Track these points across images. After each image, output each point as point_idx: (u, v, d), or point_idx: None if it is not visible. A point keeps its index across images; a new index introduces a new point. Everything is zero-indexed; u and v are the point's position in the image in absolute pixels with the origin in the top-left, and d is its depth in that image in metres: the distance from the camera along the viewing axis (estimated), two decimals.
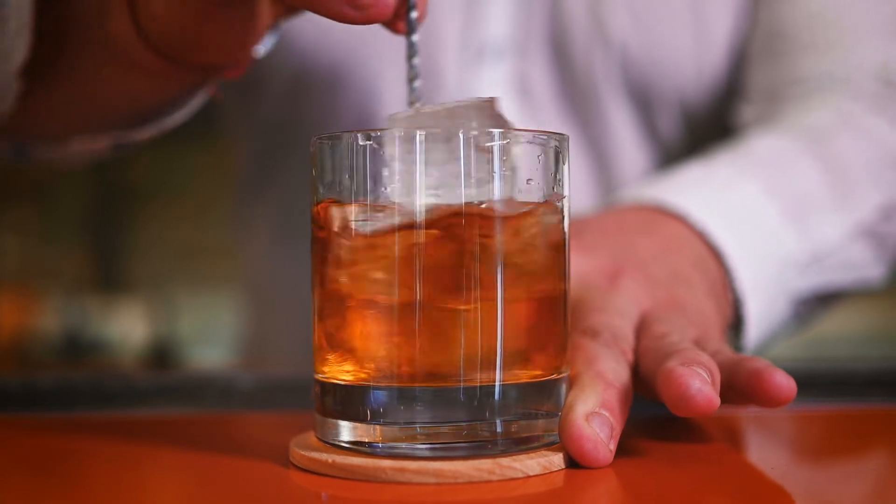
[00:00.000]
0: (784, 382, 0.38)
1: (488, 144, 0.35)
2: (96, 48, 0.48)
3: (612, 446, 0.36)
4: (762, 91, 0.67)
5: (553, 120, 0.69)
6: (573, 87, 0.70)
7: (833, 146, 0.60)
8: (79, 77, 0.51)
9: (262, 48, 0.48)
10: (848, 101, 0.63)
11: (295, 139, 0.73)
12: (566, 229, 0.38)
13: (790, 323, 0.58)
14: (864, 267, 0.59)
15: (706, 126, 0.71)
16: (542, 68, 0.70)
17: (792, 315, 0.57)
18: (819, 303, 0.59)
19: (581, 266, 0.46)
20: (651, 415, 0.46)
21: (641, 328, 0.43)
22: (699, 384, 0.36)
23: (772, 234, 0.54)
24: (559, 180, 0.38)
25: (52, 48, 0.50)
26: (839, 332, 2.09)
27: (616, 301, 0.44)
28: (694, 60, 0.69)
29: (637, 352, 0.42)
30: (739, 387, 0.39)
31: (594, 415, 0.36)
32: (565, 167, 0.38)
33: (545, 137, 0.37)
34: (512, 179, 0.36)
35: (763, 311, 0.53)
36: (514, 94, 0.70)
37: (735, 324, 0.52)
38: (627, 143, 0.71)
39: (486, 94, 0.46)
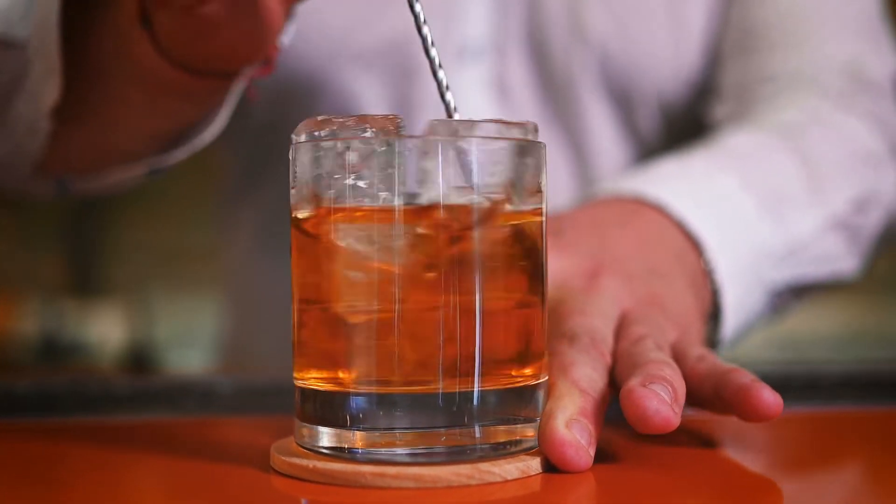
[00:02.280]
0: (771, 399, 0.38)
1: (466, 147, 0.36)
2: (125, 76, 0.49)
3: (592, 451, 0.37)
4: (734, 89, 0.68)
5: (532, 118, 0.70)
6: (552, 86, 0.71)
7: (804, 141, 0.60)
8: (112, 108, 0.51)
9: (286, 38, 0.48)
10: (817, 98, 0.64)
11: (279, 143, 0.73)
12: (544, 234, 0.39)
13: (765, 314, 0.59)
14: (837, 259, 0.60)
15: (684, 123, 0.72)
16: (520, 67, 0.71)
17: (767, 306, 0.58)
18: (794, 295, 0.60)
19: (559, 266, 0.46)
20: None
21: (620, 329, 0.44)
22: (656, 405, 0.36)
23: (748, 225, 0.55)
24: (538, 185, 0.38)
25: (83, 85, 0.50)
26: (812, 334, 2.11)
27: (596, 302, 0.45)
28: (671, 59, 0.70)
29: (615, 354, 0.42)
30: (726, 399, 0.40)
31: (573, 421, 0.37)
32: (543, 171, 0.38)
33: (526, 144, 0.37)
34: (491, 183, 0.36)
35: (740, 301, 0.53)
36: (493, 94, 0.71)
37: (713, 313, 0.53)
38: (606, 141, 0.72)
39: (466, 94, 0.47)
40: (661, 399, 0.36)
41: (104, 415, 0.51)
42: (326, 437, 0.37)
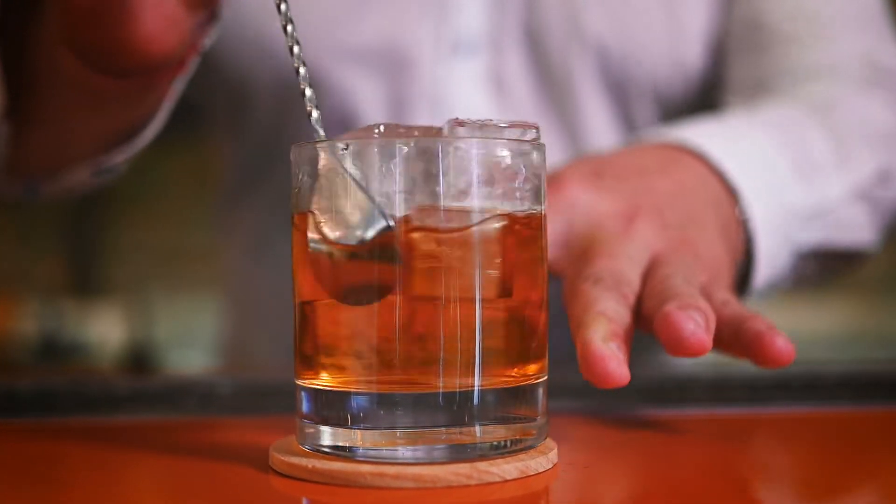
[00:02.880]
0: (783, 347, 0.40)
1: (467, 152, 0.36)
2: (63, 83, 0.51)
3: (624, 367, 0.38)
4: (748, 82, 0.70)
5: (529, 114, 0.70)
6: (549, 81, 0.71)
7: (831, 115, 0.62)
8: (59, 112, 0.54)
9: (207, 40, 0.49)
10: (838, 85, 0.66)
11: (279, 143, 0.73)
12: (545, 233, 0.39)
13: (788, 277, 0.61)
14: (859, 229, 0.62)
15: (681, 116, 0.72)
16: (517, 62, 0.71)
17: (791, 269, 0.60)
18: (816, 262, 0.62)
19: (596, 208, 0.47)
20: (626, 415, 0.47)
21: (650, 271, 0.45)
22: (693, 327, 0.38)
23: (781, 184, 0.56)
24: (539, 186, 0.38)
25: (29, 91, 0.53)
26: (812, 334, 2.12)
27: (627, 247, 0.46)
28: (668, 53, 0.71)
29: (642, 294, 0.43)
30: (744, 343, 0.41)
31: (610, 337, 0.38)
32: (544, 173, 0.38)
33: (527, 147, 0.37)
34: (491, 186, 0.36)
35: (770, 254, 0.55)
36: (489, 88, 0.71)
37: (744, 264, 0.54)
38: (604, 135, 0.72)
39: (462, 89, 0.47)
40: (696, 323, 0.38)
41: (104, 415, 0.51)
42: (327, 435, 0.37)
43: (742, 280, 0.55)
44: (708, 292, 0.44)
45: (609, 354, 0.38)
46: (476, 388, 0.36)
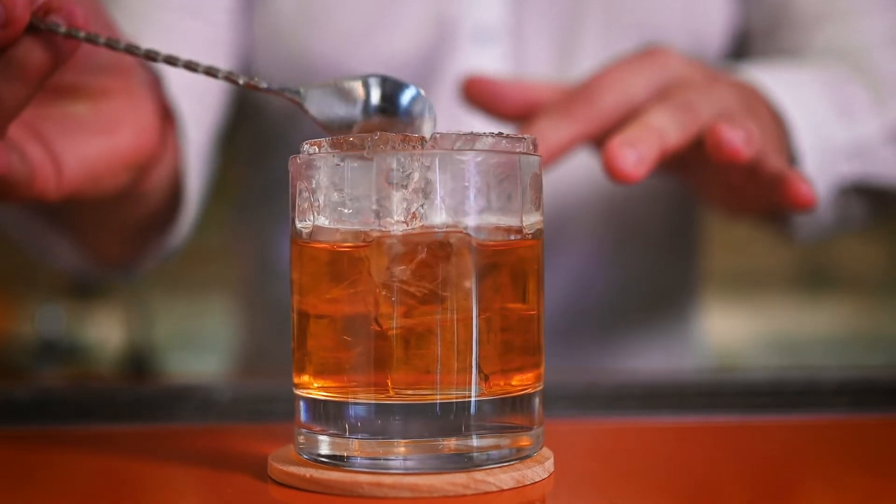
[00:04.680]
0: (806, 191, 0.49)
1: (464, 163, 0.36)
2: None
3: (644, 169, 0.45)
4: (774, 56, 0.72)
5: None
6: (567, 52, 0.72)
7: (863, 66, 0.66)
8: (80, 228, 0.60)
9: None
10: (867, 57, 0.69)
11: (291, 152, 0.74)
12: (541, 247, 0.39)
13: (829, 212, 0.65)
14: (893, 168, 0.65)
15: None
16: (539, 51, 0.71)
17: (832, 203, 0.64)
18: (858, 201, 0.66)
19: (686, 72, 0.53)
20: (622, 423, 0.47)
21: (723, 117, 0.50)
22: (736, 137, 0.47)
23: (824, 118, 0.59)
24: (537, 197, 0.38)
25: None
26: (810, 336, 2.12)
27: (709, 93, 0.51)
28: (692, 43, 0.72)
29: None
30: (777, 189, 0.50)
31: (635, 141, 0.45)
32: (541, 184, 0.39)
33: (525, 158, 0.37)
34: (488, 198, 0.36)
35: (814, 179, 0.58)
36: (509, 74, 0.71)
37: None
38: None
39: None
40: (740, 136, 0.47)
41: (103, 422, 0.51)
42: (325, 444, 0.37)
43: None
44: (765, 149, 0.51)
45: (626, 152, 0.44)
46: (472, 398, 0.36)
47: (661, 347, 0.79)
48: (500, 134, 0.37)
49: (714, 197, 0.64)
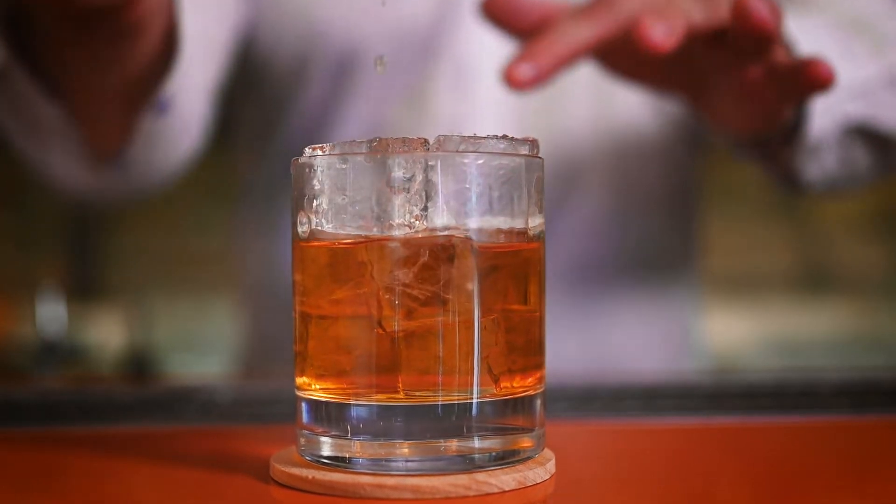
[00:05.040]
0: (826, 69, 0.52)
1: (467, 166, 0.36)
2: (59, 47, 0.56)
3: (673, 41, 0.49)
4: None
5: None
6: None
7: (866, 25, 0.68)
8: (74, 79, 0.59)
9: None
10: (867, 14, 0.70)
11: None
12: (542, 249, 0.39)
13: (832, 152, 0.66)
14: (894, 111, 0.66)
15: None
16: None
17: (835, 145, 0.65)
18: (863, 144, 0.67)
19: None
20: (623, 425, 0.47)
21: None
22: (760, 5, 0.50)
23: (829, 56, 0.59)
24: (539, 199, 0.38)
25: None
26: (809, 338, 2.12)
27: None
28: None
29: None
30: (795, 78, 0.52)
31: (666, 16, 0.48)
32: (543, 186, 0.39)
33: (527, 161, 0.38)
34: (490, 201, 0.37)
35: (819, 112, 0.60)
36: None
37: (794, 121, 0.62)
38: (636, 108, 0.76)
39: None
40: (763, 5, 0.49)
41: (104, 423, 0.52)
42: (327, 446, 0.37)
43: (793, 130, 0.62)
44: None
45: (658, 25, 0.48)
46: (474, 400, 0.36)
47: (662, 345, 0.79)
48: (503, 137, 0.37)
49: (726, 111, 0.63)
